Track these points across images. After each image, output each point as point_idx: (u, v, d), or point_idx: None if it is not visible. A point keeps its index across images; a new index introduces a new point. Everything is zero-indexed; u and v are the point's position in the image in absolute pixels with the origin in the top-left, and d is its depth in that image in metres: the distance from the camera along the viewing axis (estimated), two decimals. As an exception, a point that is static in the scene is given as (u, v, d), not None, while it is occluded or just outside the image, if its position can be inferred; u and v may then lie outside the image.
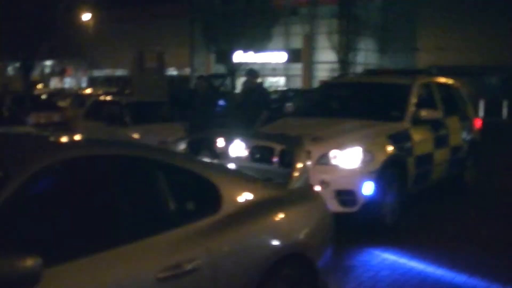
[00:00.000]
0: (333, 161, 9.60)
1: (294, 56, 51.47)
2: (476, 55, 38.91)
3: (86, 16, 57.80)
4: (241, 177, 5.49)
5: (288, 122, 11.91)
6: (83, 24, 57.91)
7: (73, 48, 37.99)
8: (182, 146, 7.18)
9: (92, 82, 61.63)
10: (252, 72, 14.85)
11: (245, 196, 5.10)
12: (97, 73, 66.96)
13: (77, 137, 5.24)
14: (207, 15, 39.71)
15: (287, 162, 6.82)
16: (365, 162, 9.57)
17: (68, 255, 3.65)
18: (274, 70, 54.62)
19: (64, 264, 3.60)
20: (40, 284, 3.30)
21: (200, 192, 4.84)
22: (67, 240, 3.79)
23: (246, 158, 10.09)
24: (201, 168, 5.00)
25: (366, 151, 9.65)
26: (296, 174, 5.80)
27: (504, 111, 37.60)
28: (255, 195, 5.19)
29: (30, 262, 3.21)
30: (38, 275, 3.27)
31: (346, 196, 9.47)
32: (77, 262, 3.66)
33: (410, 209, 10.81)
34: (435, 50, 40.39)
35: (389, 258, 8.68)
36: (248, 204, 5.05)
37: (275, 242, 5.13)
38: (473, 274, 7.96)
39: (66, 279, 3.58)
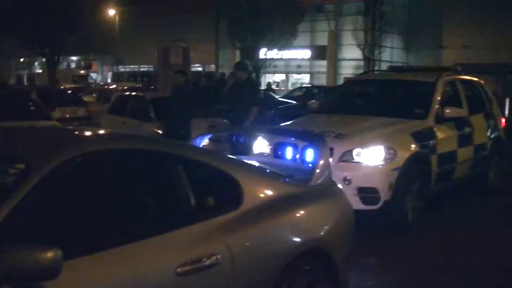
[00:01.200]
0: (356, 159, 9.60)
1: (319, 53, 51.29)
2: (502, 53, 38.57)
3: (111, 12, 58.01)
4: (263, 173, 5.51)
5: (312, 119, 11.89)
6: (108, 20, 58.13)
7: (98, 44, 38.05)
8: (204, 142, 7.19)
9: (117, 78, 61.83)
10: (240, 65, 14.05)
11: (266, 192, 5.11)
12: (122, 68, 67.23)
13: (101, 131, 5.27)
14: (232, 11, 39.64)
15: (310, 159, 6.80)
16: (388, 159, 9.56)
17: (88, 249, 3.67)
18: (299, 67, 54.55)
19: (84, 257, 3.63)
20: (59, 277, 3.33)
21: (221, 188, 4.86)
22: (87, 233, 3.81)
23: (269, 155, 10.09)
24: (223, 163, 5.02)
25: (389, 149, 9.63)
26: (318, 170, 5.80)
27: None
28: (276, 191, 5.20)
29: (50, 255, 3.23)
30: (58, 268, 3.29)
31: (369, 193, 9.46)
32: (96, 255, 3.69)
33: (433, 207, 10.76)
34: (461, 48, 40.12)
35: (411, 256, 8.67)
36: (269, 200, 5.06)
37: (295, 238, 5.13)
38: (492, 275, 7.97)
39: (86, 272, 3.61)
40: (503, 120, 14.08)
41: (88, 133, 4.86)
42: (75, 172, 3.99)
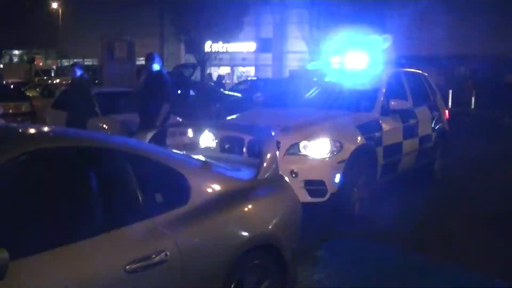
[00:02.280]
0: (303, 151, 9.63)
1: (264, 46, 51.37)
2: (445, 45, 39.05)
3: (55, 5, 57.36)
4: (210, 168, 5.48)
5: (258, 112, 11.90)
6: (52, 14, 57.45)
7: (42, 38, 37.59)
8: (149, 136, 7.15)
9: (61, 72, 61.13)
10: (149, 57, 12.85)
11: (213, 187, 5.09)
12: (66, 62, 66.47)
13: (45, 128, 5.18)
14: (176, 5, 39.52)
15: (257, 153, 6.80)
16: (334, 152, 9.60)
17: (34, 248, 3.62)
18: (244, 60, 54.58)
19: (31, 257, 3.57)
20: (5, 278, 3.27)
21: (168, 183, 4.82)
22: (33, 233, 3.75)
23: (215, 149, 10.08)
24: (170, 159, 4.98)
25: (335, 141, 9.68)
26: (265, 164, 5.80)
27: (472, 101, 37.86)
28: (223, 186, 5.19)
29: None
30: (4, 269, 3.24)
31: (316, 186, 9.49)
32: (43, 255, 3.64)
33: (379, 199, 10.84)
34: (405, 40, 40.52)
35: (359, 248, 8.72)
36: (216, 195, 5.05)
37: (244, 233, 5.12)
38: (443, 260, 8.07)
39: (33, 272, 3.56)
40: (447, 111, 14.28)
41: (31, 131, 4.77)
42: (19, 171, 3.91)
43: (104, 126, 15.60)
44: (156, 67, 12.57)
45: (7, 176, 3.78)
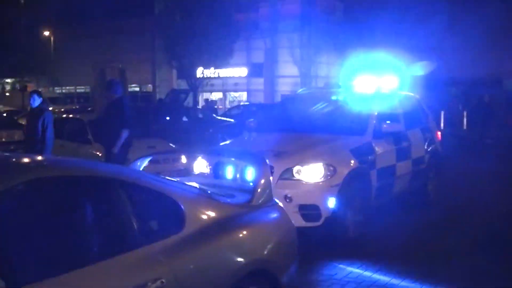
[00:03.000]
0: (296, 176, 9.64)
1: (256, 70, 51.46)
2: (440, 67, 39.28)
3: (46, 33, 57.40)
4: (204, 195, 5.48)
5: (251, 138, 11.91)
6: (43, 41, 57.48)
7: (34, 66, 37.59)
8: (144, 164, 7.14)
9: (53, 100, 61.11)
10: (108, 84, 12.87)
11: (208, 214, 5.10)
12: (58, 90, 66.37)
13: (38, 157, 5.17)
14: (168, 31, 39.65)
15: (250, 178, 6.81)
16: (327, 176, 9.62)
17: (29, 278, 3.60)
18: (236, 85, 54.66)
19: (27, 286, 3.55)
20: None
21: (163, 211, 4.82)
22: (28, 263, 3.73)
23: (209, 175, 10.08)
24: (164, 186, 4.98)
25: (329, 165, 9.70)
26: (259, 190, 5.81)
27: (465, 122, 38.01)
28: (218, 213, 5.19)
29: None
30: None
31: (310, 210, 9.50)
32: (38, 285, 3.62)
33: (374, 222, 10.84)
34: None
35: (354, 271, 8.70)
36: (211, 221, 5.05)
37: (239, 259, 5.12)
38: (437, 285, 8.06)
39: None
40: (439, 133, 14.33)
41: (25, 160, 4.76)
42: (13, 201, 3.90)
43: (98, 153, 15.58)
44: (116, 93, 12.44)
45: (1, 206, 3.77)
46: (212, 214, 5.13)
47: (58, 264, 3.85)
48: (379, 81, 12.24)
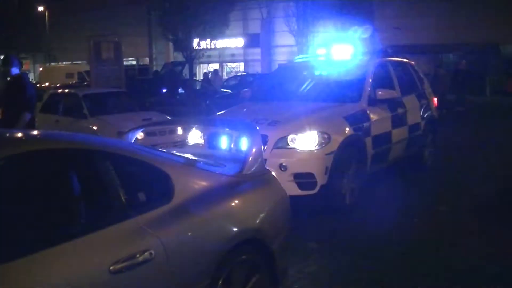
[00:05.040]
0: (291, 145, 9.61)
1: (253, 41, 51.32)
2: (433, 33, 39.11)
3: (41, 9, 57.11)
4: (194, 165, 5.44)
5: (245, 107, 11.86)
6: (38, 17, 57.24)
7: (29, 41, 37.37)
8: (138, 136, 7.12)
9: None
10: (6, 60, 11.33)
11: (198, 184, 5.06)
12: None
13: (27, 131, 5.12)
14: (163, 3, 39.44)
15: (244, 148, 6.77)
16: (322, 144, 9.59)
17: (14, 253, 3.57)
18: (233, 56, 54.55)
19: (13, 261, 3.52)
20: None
21: (151, 182, 4.78)
22: (14, 237, 3.70)
23: (203, 146, 10.06)
24: (152, 157, 4.93)
25: (323, 133, 9.67)
26: (250, 159, 5.78)
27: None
28: (208, 183, 5.16)
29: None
30: None
31: (305, 179, 9.48)
32: (24, 259, 3.58)
33: (370, 189, 10.84)
34: (392, 30, 40.51)
35: (351, 239, 8.71)
36: (201, 192, 5.01)
37: (231, 228, 5.09)
38: (436, 247, 8.08)
39: (14, 277, 3.50)
40: (435, 99, 14.26)
41: (14, 134, 4.72)
42: (1, 175, 3.87)
43: (94, 127, 15.56)
44: (15, 70, 11.13)
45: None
46: (201, 184, 5.10)
47: (45, 237, 3.81)
48: (352, 49, 12.14)
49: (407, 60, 13.83)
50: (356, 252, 8.12)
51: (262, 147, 6.31)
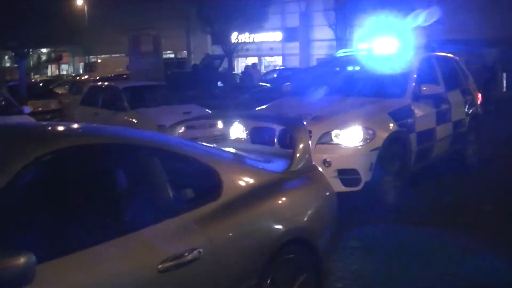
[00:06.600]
0: (335, 140, 9.49)
1: (291, 35, 51.19)
2: (478, 29, 38.70)
3: (80, 2, 57.45)
4: (241, 161, 5.34)
5: (287, 101, 11.73)
6: (77, 10, 57.55)
7: (68, 35, 37.53)
8: (180, 130, 7.03)
9: (89, 68, 61.41)
10: None
11: (246, 181, 4.95)
12: (93, 58, 66.61)
13: (73, 125, 5.04)
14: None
15: (288, 143, 6.65)
16: (367, 140, 9.45)
17: (63, 250, 3.50)
18: (271, 50, 54.43)
19: (59, 259, 3.44)
20: (34, 282, 3.16)
21: (199, 178, 4.69)
22: (62, 234, 3.63)
23: (246, 140, 9.95)
24: (200, 153, 4.84)
25: (368, 129, 9.53)
26: (298, 155, 5.65)
27: (504, 84, 37.47)
28: (256, 179, 5.05)
29: (23, 260, 3.06)
30: (32, 274, 3.12)
31: (349, 175, 9.35)
32: (72, 256, 3.51)
33: (414, 187, 10.67)
34: (436, 25, 40.10)
35: (394, 237, 8.57)
36: (249, 188, 4.91)
37: (278, 227, 4.99)
38: (479, 251, 7.88)
39: (61, 275, 3.43)
40: (479, 95, 14.02)
41: (60, 128, 4.65)
42: (47, 170, 3.80)
43: (134, 120, 15.55)
44: None
45: (33, 176, 3.66)
46: (250, 180, 4.99)
47: (92, 235, 3.74)
48: (397, 42, 11.93)
49: (451, 55, 13.61)
50: (398, 252, 7.97)
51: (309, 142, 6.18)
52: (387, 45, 11.91)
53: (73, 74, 58.60)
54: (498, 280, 7.03)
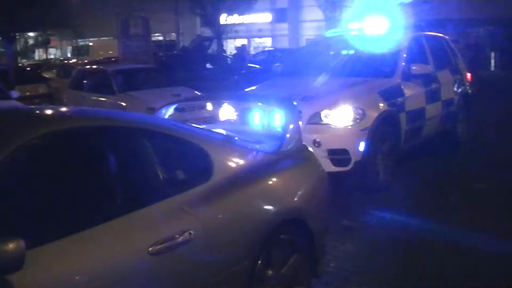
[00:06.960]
0: (325, 120, 9.47)
1: (280, 16, 51.17)
2: (464, 8, 38.66)
3: (67, -15, 57.10)
4: (232, 142, 5.31)
5: (277, 82, 11.71)
6: (65, -7, 57.24)
7: (56, 18, 37.23)
8: (170, 112, 7.01)
9: (77, 52, 61.16)
10: None
11: (237, 162, 4.94)
12: (82, 42, 66.32)
13: (61, 109, 5.00)
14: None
15: (279, 124, 6.62)
16: (357, 119, 9.44)
17: (53, 234, 3.48)
18: (260, 31, 54.34)
19: (49, 244, 3.43)
20: (24, 267, 3.15)
21: (190, 160, 4.67)
22: (51, 218, 3.61)
23: (236, 122, 9.92)
24: (191, 135, 4.81)
25: (358, 109, 9.52)
26: (288, 135, 5.64)
27: (492, 63, 37.51)
28: (247, 160, 5.04)
29: (12, 246, 3.05)
30: (22, 259, 3.11)
31: (339, 155, 9.35)
32: (63, 240, 3.49)
33: (404, 165, 10.69)
34: (424, 4, 40.04)
35: (386, 216, 8.58)
36: (240, 169, 4.89)
37: (270, 207, 4.97)
38: (470, 229, 7.89)
39: (51, 260, 3.41)
40: (468, 74, 14.02)
41: (48, 112, 4.61)
42: (34, 154, 3.76)
43: (123, 103, 15.49)
44: None
45: (22, 160, 3.63)
46: (240, 161, 4.97)
47: (82, 219, 3.73)
48: (387, 21, 11.89)
49: (440, 34, 13.59)
50: (389, 230, 7.99)
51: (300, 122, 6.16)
52: (377, 25, 11.87)
53: (61, 58, 58.24)
54: (490, 255, 7.05)
